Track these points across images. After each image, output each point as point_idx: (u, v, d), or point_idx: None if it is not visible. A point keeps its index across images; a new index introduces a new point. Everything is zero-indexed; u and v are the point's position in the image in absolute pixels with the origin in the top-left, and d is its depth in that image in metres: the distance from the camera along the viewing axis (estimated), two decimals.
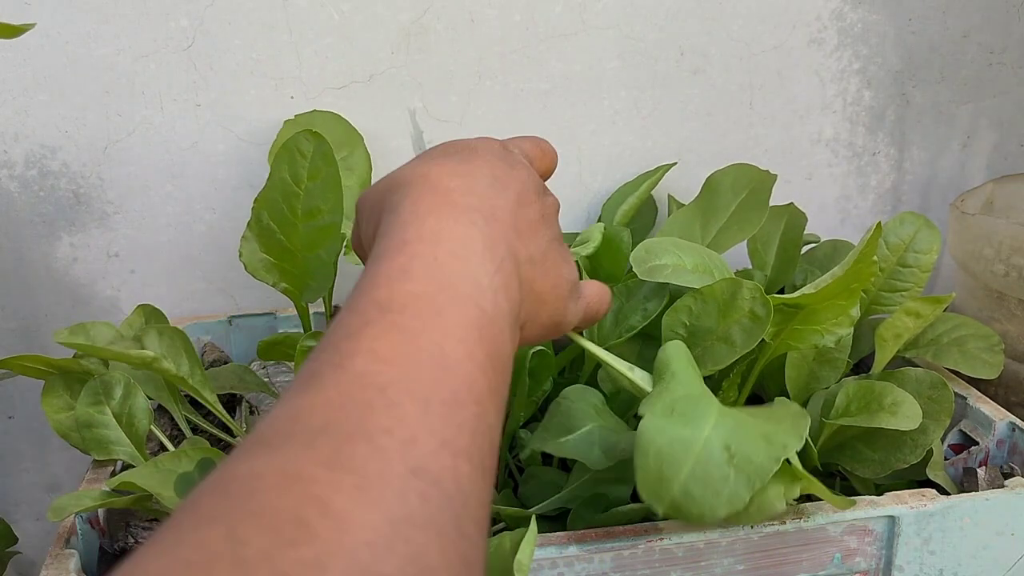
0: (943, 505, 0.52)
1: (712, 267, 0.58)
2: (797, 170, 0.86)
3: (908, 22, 0.83)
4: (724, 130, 0.83)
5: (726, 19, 0.79)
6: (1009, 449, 0.61)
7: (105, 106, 0.73)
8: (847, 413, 0.56)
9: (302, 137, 0.58)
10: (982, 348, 0.64)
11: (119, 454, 0.57)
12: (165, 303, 0.73)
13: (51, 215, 0.75)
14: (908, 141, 0.87)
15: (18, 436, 0.82)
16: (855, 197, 0.88)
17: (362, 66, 0.75)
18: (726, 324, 0.54)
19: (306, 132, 0.58)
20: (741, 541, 0.50)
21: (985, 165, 0.90)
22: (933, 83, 0.85)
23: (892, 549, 0.52)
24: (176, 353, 0.60)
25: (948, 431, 0.64)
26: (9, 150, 0.73)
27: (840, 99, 0.84)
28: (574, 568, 0.49)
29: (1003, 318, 0.71)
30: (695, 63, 0.80)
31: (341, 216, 0.59)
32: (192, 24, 0.72)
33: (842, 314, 0.54)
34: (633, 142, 0.82)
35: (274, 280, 0.62)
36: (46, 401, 0.59)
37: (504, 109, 0.78)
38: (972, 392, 0.65)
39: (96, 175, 0.74)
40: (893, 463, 0.56)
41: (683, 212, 0.70)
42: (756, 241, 0.72)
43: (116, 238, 0.77)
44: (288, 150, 0.58)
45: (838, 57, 0.82)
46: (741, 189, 0.69)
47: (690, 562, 0.50)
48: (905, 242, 0.64)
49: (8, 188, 0.74)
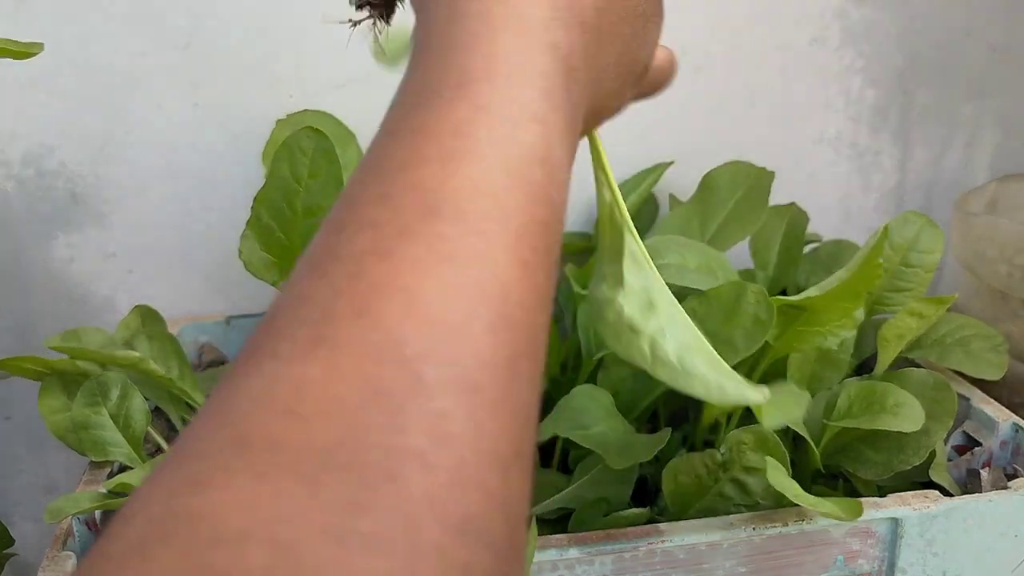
0: (946, 507, 0.51)
1: (715, 266, 0.58)
2: (799, 169, 0.85)
3: (911, 20, 0.82)
4: (726, 129, 0.82)
5: (727, 17, 0.79)
6: (1013, 450, 0.61)
7: (103, 105, 0.72)
8: (849, 415, 0.56)
9: (303, 134, 0.58)
10: (986, 348, 0.64)
11: (116, 455, 0.57)
12: (163, 303, 0.72)
13: (48, 214, 0.75)
14: (911, 140, 0.87)
15: (15, 437, 0.82)
16: (858, 196, 0.88)
17: (361, 65, 0.75)
18: (730, 328, 0.53)
19: (307, 129, 0.58)
20: (743, 543, 0.49)
21: (989, 164, 0.89)
22: (936, 82, 0.85)
23: (895, 551, 0.51)
24: (166, 356, 0.60)
25: (951, 432, 0.63)
26: (6, 149, 0.72)
27: (843, 98, 0.84)
28: (575, 571, 0.48)
29: (1007, 318, 0.71)
30: (696, 61, 0.80)
31: None
32: (190, 23, 0.71)
33: (846, 316, 0.53)
34: (633, 141, 0.81)
35: (274, 279, 0.62)
36: (43, 402, 0.59)
37: None
38: (975, 393, 0.64)
39: (93, 174, 0.74)
40: (896, 465, 0.56)
41: (681, 210, 0.70)
42: (758, 240, 0.72)
43: (113, 238, 0.76)
44: (288, 148, 0.58)
45: (841, 56, 0.82)
46: (738, 186, 0.68)
47: (692, 564, 0.49)
48: (908, 242, 0.64)
49: (4, 187, 0.73)
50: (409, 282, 0.21)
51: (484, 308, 0.22)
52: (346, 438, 0.19)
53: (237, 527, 0.17)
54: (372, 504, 0.18)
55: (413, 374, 0.20)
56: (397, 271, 0.22)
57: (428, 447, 0.19)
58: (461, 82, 0.26)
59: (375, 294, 0.21)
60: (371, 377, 0.20)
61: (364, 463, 0.18)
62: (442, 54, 0.27)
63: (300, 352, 0.20)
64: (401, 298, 0.21)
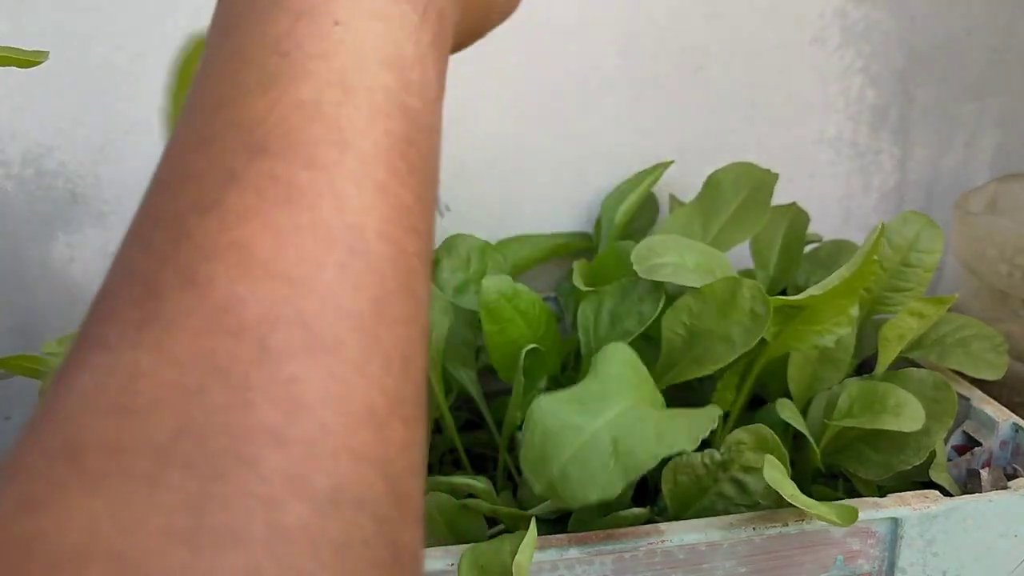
0: (946, 507, 0.51)
1: (714, 266, 0.57)
2: (799, 169, 0.85)
3: (911, 20, 0.82)
4: (725, 129, 0.82)
5: (727, 17, 0.79)
6: (1013, 450, 0.61)
7: (103, 105, 0.72)
8: (849, 414, 0.56)
9: None
10: (986, 349, 0.64)
11: None
12: None
13: (48, 214, 0.75)
14: (911, 140, 0.87)
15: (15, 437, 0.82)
16: (858, 196, 0.88)
17: None
18: (726, 324, 0.53)
19: None
20: (743, 543, 0.49)
21: (989, 164, 0.89)
22: (936, 82, 0.85)
23: (895, 551, 0.51)
24: None
25: (951, 432, 0.63)
26: (5, 148, 0.72)
27: (843, 98, 0.84)
28: (575, 571, 0.48)
29: (1007, 318, 0.71)
30: (696, 61, 0.80)
31: None
32: (190, 23, 0.71)
33: (842, 314, 0.53)
34: (633, 141, 0.81)
35: None
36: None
37: (504, 108, 0.78)
38: (976, 393, 0.64)
39: (93, 174, 0.74)
40: (896, 464, 0.56)
41: (683, 211, 0.70)
42: (758, 241, 0.71)
43: (113, 238, 0.76)
44: None
45: (841, 55, 0.82)
46: (742, 188, 0.68)
47: (692, 564, 0.49)
48: (908, 242, 0.64)
49: (4, 187, 0.73)
50: (239, 236, 0.19)
51: (333, 250, 0.19)
52: (187, 427, 0.17)
53: (75, 547, 0.15)
54: (222, 495, 0.16)
55: (256, 342, 0.18)
56: (225, 226, 0.19)
57: (280, 420, 0.17)
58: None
59: (202, 257, 0.19)
60: (208, 353, 0.18)
61: (210, 451, 0.17)
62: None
63: (129, 337, 0.18)
64: (233, 257, 0.19)
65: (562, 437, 0.43)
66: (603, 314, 0.60)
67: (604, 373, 0.48)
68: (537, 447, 0.44)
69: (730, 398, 0.58)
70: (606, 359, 0.49)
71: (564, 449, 0.43)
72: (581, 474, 0.43)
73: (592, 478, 0.43)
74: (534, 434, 0.44)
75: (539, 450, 0.43)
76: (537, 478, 0.43)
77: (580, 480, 0.43)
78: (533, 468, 0.44)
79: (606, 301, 0.60)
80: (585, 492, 0.43)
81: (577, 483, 0.43)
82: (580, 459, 0.43)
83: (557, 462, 0.43)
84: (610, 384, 0.47)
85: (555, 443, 0.43)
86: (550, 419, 0.44)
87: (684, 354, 0.55)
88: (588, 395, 0.46)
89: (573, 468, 0.43)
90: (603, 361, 0.49)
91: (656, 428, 0.45)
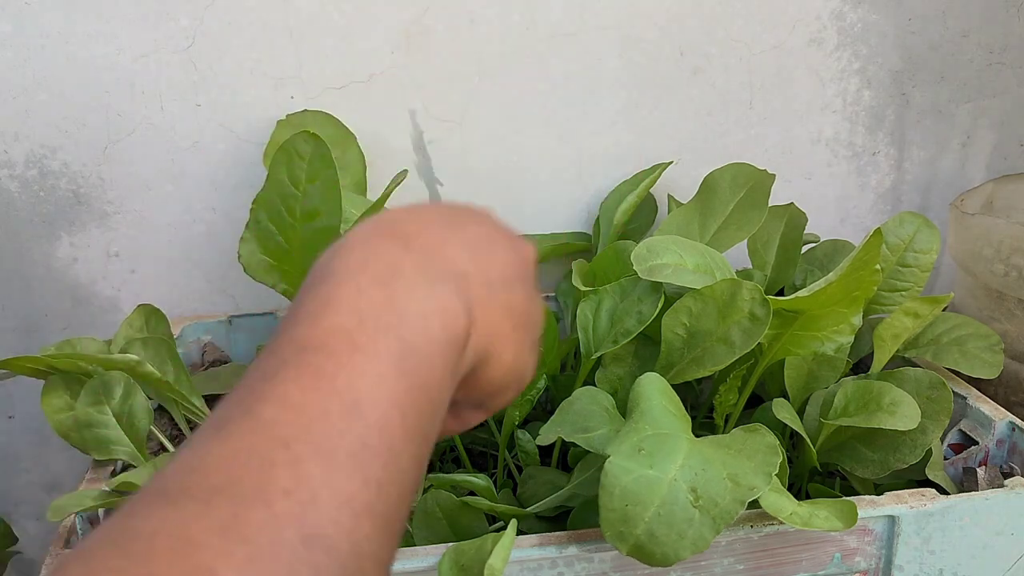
0: (943, 505, 0.52)
1: (713, 267, 0.58)
2: (797, 170, 0.86)
3: (908, 22, 0.82)
4: (724, 130, 0.83)
5: (726, 19, 0.79)
6: (1009, 449, 0.61)
7: (105, 106, 0.73)
8: (846, 413, 0.56)
9: (300, 139, 0.58)
10: (982, 348, 0.64)
11: (119, 454, 0.57)
12: (165, 303, 0.73)
13: (51, 215, 0.75)
14: (908, 141, 0.87)
15: (18, 436, 0.82)
16: (855, 197, 0.88)
17: (362, 66, 0.75)
18: (726, 325, 0.53)
19: (304, 134, 0.58)
20: (741, 541, 0.50)
21: (985, 165, 0.90)
22: (933, 83, 0.85)
23: (892, 549, 0.52)
24: (161, 361, 0.60)
25: (948, 431, 0.64)
26: (9, 150, 0.73)
27: (840, 99, 0.84)
28: (574, 567, 0.49)
29: (1003, 318, 0.71)
30: (695, 63, 0.80)
31: (340, 218, 0.59)
32: (192, 24, 0.72)
33: (843, 322, 0.54)
34: (633, 142, 0.82)
35: (273, 281, 0.62)
36: (46, 401, 0.59)
37: (504, 109, 0.78)
38: (972, 392, 0.65)
39: (96, 175, 0.74)
40: (892, 463, 0.56)
41: (681, 211, 0.70)
42: (756, 241, 0.72)
43: (116, 238, 0.77)
44: (286, 152, 0.58)
45: (838, 57, 0.82)
46: (739, 188, 0.69)
47: (691, 562, 0.50)
48: (905, 242, 0.64)
49: (8, 188, 0.74)
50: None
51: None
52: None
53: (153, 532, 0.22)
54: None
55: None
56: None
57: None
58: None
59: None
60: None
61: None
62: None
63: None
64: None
65: (642, 495, 0.42)
66: (602, 314, 0.60)
67: (649, 411, 0.47)
68: (617, 509, 0.42)
69: (732, 400, 0.58)
70: (646, 396, 0.48)
71: (646, 508, 0.42)
72: (668, 532, 0.42)
73: (680, 535, 0.42)
74: (612, 496, 0.42)
75: (620, 512, 0.42)
76: (622, 541, 0.42)
77: (668, 538, 0.42)
78: (616, 532, 0.42)
79: (605, 301, 0.60)
80: (677, 551, 0.42)
81: (666, 542, 0.42)
82: (664, 516, 0.42)
83: (641, 523, 0.42)
84: (662, 422, 0.46)
85: (635, 502, 0.42)
86: (625, 476, 0.43)
87: (684, 355, 0.56)
88: (648, 442, 0.45)
89: (659, 527, 0.42)
90: (643, 398, 0.48)
91: (727, 470, 0.44)
